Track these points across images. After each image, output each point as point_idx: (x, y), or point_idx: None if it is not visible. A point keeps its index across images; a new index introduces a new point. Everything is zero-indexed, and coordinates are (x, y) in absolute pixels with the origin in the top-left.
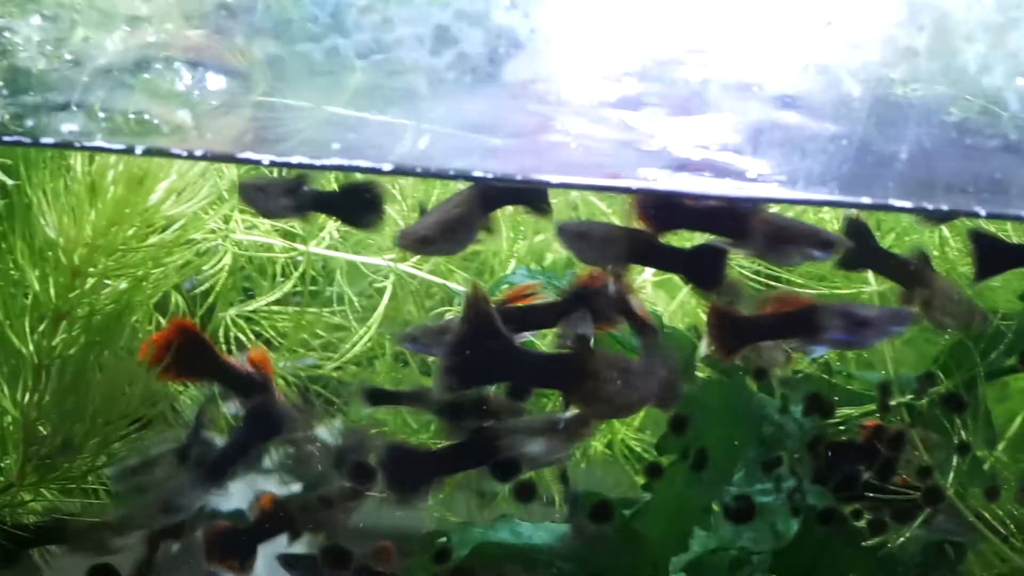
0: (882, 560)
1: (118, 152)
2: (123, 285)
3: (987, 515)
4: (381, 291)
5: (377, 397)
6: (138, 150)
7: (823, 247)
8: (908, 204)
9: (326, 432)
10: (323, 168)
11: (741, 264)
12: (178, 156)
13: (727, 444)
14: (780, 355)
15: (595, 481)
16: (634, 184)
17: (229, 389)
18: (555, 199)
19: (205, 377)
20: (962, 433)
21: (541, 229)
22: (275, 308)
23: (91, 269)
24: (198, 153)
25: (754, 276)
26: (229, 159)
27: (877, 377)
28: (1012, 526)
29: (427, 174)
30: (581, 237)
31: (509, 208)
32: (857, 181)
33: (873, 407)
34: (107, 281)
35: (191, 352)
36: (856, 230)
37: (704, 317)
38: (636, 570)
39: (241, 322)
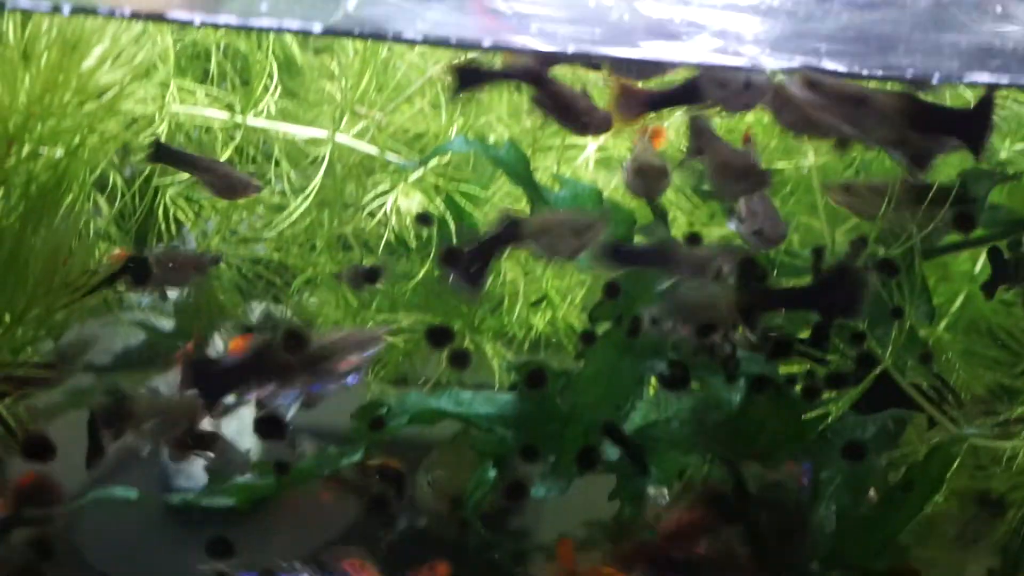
0: (823, 433)
1: (45, 12)
2: (59, 153)
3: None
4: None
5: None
6: (65, 9)
7: None
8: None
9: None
10: (252, 29)
11: None
12: (107, 14)
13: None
14: None
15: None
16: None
17: None
18: None
19: None
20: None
21: (484, 111)
22: None
23: (26, 136)
24: (127, 12)
25: None
26: (159, 19)
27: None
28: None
29: (362, 35)
30: None
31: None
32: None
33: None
34: (42, 150)
35: None
36: None
37: None
38: (568, 438)
39: (181, 201)
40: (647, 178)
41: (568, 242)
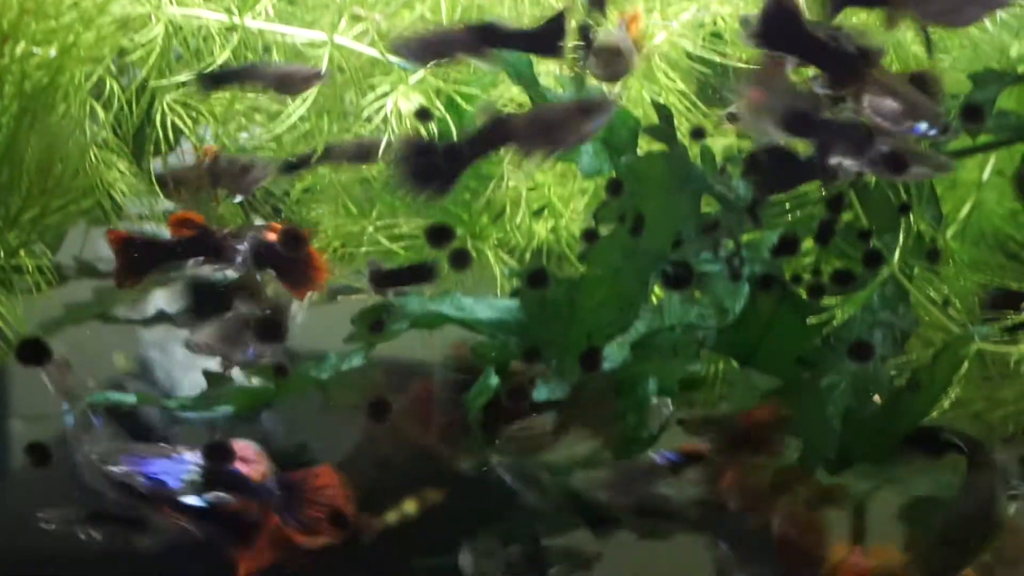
0: (827, 338)
1: None
2: (53, 53)
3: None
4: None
5: None
6: None
7: None
8: None
9: None
10: None
11: None
12: None
13: (666, 213)
14: None
15: None
16: None
17: None
18: None
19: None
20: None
21: (484, 14)
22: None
23: (20, 34)
24: None
25: None
26: None
27: None
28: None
29: None
30: None
31: None
32: None
33: None
34: (37, 50)
35: None
36: None
37: None
38: (571, 340)
39: (178, 107)
40: (605, 59)
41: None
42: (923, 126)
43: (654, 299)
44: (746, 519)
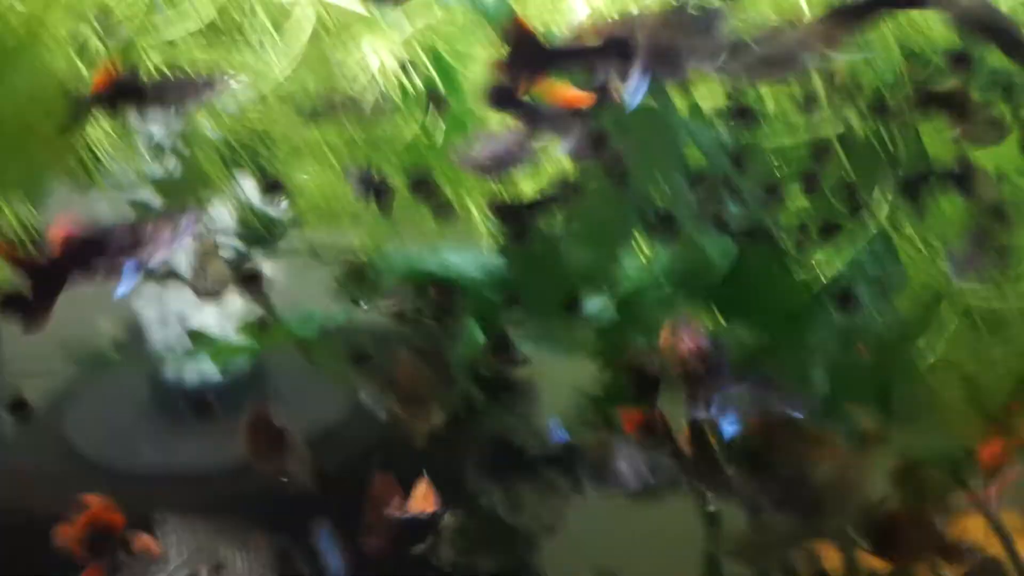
0: (816, 292)
1: None
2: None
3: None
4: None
5: None
6: None
7: None
8: None
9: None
10: None
11: None
12: None
13: (650, 165)
14: None
15: None
16: None
17: None
18: None
19: None
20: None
21: None
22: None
23: None
24: None
25: None
26: None
27: None
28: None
29: None
30: None
31: None
32: None
33: None
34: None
35: None
36: None
37: None
38: (554, 293)
39: (164, 68)
40: None
41: None
42: None
43: (643, 258)
44: None
